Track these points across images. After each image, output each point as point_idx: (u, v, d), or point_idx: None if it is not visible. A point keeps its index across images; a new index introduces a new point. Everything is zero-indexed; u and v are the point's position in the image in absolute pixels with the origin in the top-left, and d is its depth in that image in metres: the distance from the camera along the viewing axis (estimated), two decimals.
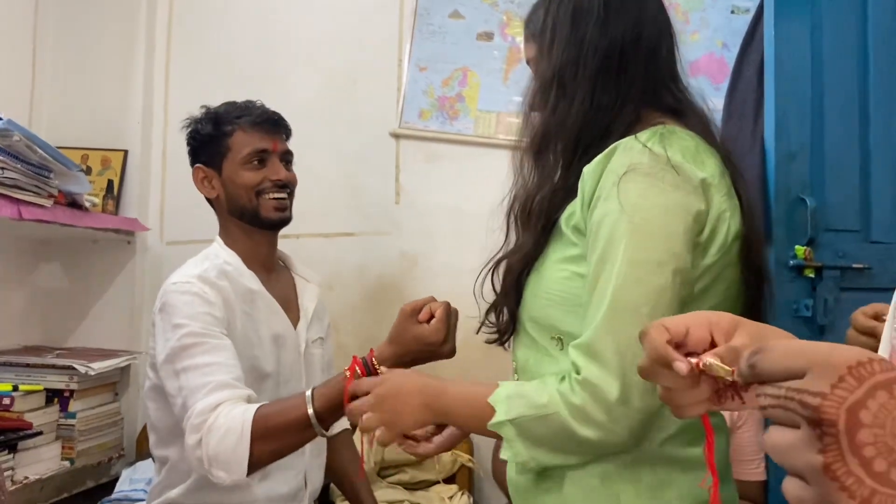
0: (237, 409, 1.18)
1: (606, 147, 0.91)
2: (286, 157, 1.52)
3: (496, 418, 0.87)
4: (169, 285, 1.37)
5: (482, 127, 2.20)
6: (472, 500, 2.06)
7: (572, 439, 0.83)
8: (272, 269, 1.54)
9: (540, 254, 0.97)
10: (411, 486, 2.09)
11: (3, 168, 1.67)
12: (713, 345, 0.55)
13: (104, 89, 2.31)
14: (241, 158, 1.45)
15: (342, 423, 1.64)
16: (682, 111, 0.98)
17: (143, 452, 2.20)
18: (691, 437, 0.87)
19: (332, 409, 1.15)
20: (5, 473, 1.70)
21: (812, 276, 1.72)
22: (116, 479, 2.06)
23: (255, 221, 1.47)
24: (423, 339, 1.13)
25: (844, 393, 0.35)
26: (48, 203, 1.84)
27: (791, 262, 1.72)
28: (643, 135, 0.89)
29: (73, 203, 1.98)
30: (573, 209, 0.92)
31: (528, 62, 1.06)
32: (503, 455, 0.89)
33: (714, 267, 0.88)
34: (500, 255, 1.02)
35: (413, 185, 2.26)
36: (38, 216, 1.79)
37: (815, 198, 1.74)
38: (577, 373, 0.83)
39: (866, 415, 0.34)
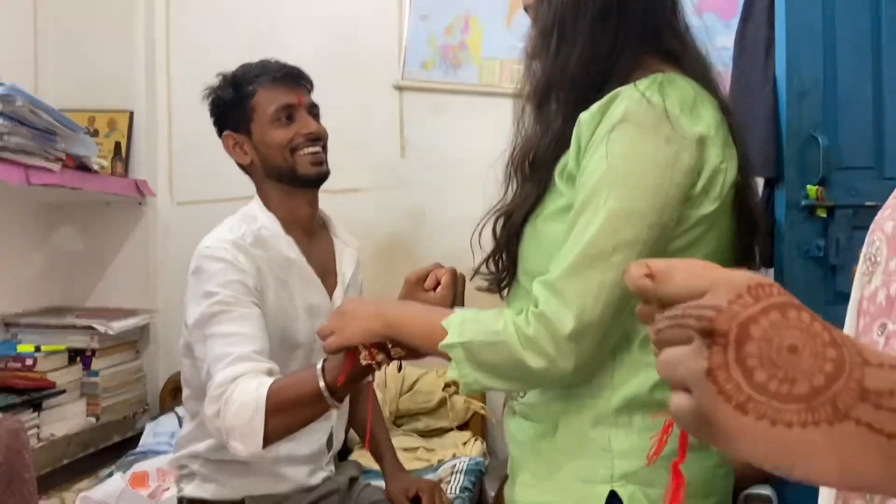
0: (253, 382, 1.18)
1: (610, 91, 0.90)
2: (313, 111, 1.46)
3: (448, 340, 0.89)
4: (203, 248, 1.35)
5: (486, 76, 2.17)
6: (485, 446, 2.11)
7: (518, 367, 0.86)
8: (312, 233, 1.49)
9: (538, 206, 0.96)
10: (426, 434, 2.14)
11: (8, 134, 1.68)
12: None
13: (106, 50, 2.30)
14: (269, 117, 1.39)
15: None
16: (683, 56, 0.96)
17: (165, 407, 2.26)
18: (648, 412, 0.88)
19: (344, 381, 1.12)
20: (30, 431, 1.76)
21: (824, 215, 1.70)
22: (141, 434, 2.13)
23: (294, 181, 1.41)
24: None
25: (740, 308, 0.36)
26: (56, 167, 1.86)
27: (803, 202, 1.69)
28: (642, 83, 0.88)
29: (82, 166, 2.00)
30: (566, 159, 0.91)
31: (525, 9, 1.04)
32: (449, 374, 0.91)
33: (709, 216, 0.88)
34: (500, 206, 1.01)
35: (418, 139, 2.25)
36: (46, 181, 1.81)
37: (827, 136, 1.69)
38: (536, 306, 0.85)
39: (756, 329, 0.35)
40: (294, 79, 1.44)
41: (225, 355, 1.22)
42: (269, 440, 1.17)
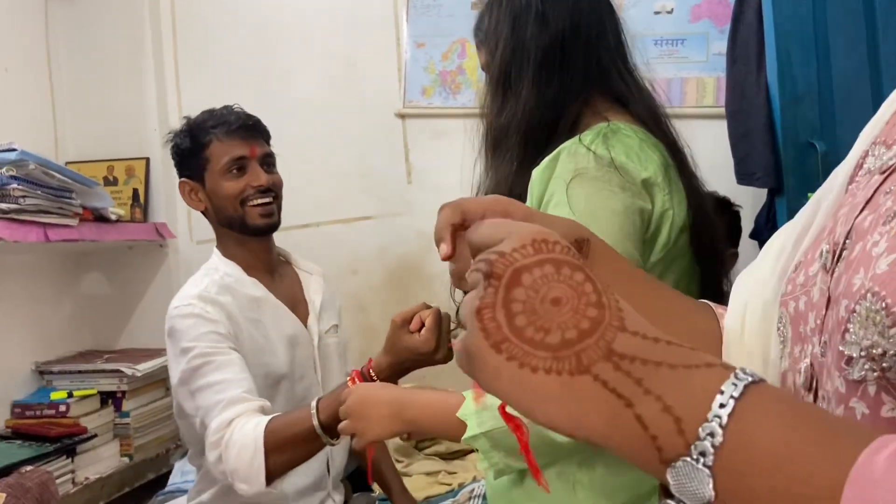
0: (249, 423, 1.22)
1: (558, 142, 0.91)
2: (267, 161, 1.51)
3: (469, 432, 0.90)
4: (172, 309, 1.41)
5: None
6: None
7: (546, 444, 0.85)
8: (274, 270, 1.56)
9: None
10: (447, 457, 2.15)
11: (24, 196, 1.77)
12: None
13: (120, 102, 2.39)
14: (221, 168, 1.45)
15: None
16: (629, 97, 0.97)
17: None
18: None
19: (336, 419, 1.16)
20: (65, 477, 1.84)
21: None
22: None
23: (244, 230, 1.48)
24: (415, 350, 1.14)
25: (518, 256, 0.37)
26: (74, 222, 1.94)
27: None
28: (587, 136, 0.90)
29: (100, 217, 2.08)
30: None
31: (483, 69, 1.07)
32: (479, 466, 0.92)
33: (661, 262, 0.88)
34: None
35: (423, 164, 2.27)
36: (64, 236, 1.89)
37: (825, 142, 1.66)
38: None
39: (527, 277, 0.36)
40: (249, 130, 1.48)
41: (216, 403, 1.26)
42: (271, 478, 1.22)
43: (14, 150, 1.76)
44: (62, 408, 2.01)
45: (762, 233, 1.82)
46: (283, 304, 1.50)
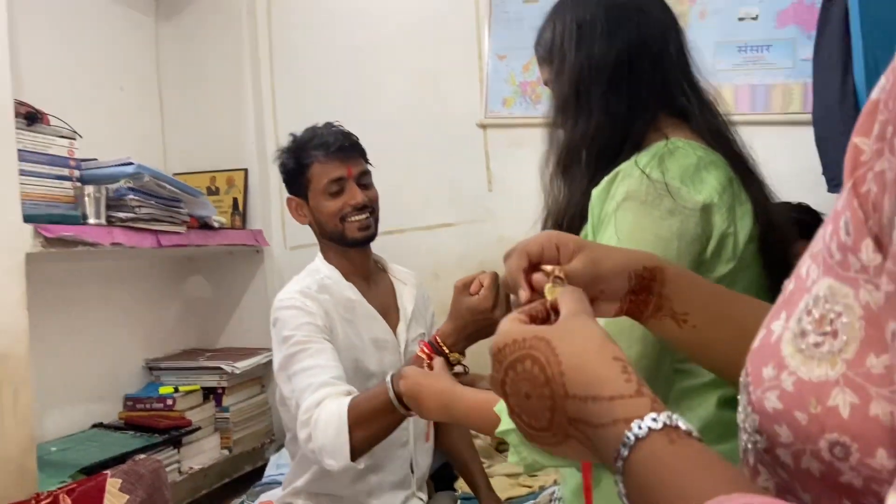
0: (334, 403, 1.32)
1: (623, 159, 0.94)
2: (363, 179, 1.62)
3: (502, 427, 0.93)
4: (277, 302, 1.54)
5: None
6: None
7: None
8: (370, 277, 1.66)
9: None
10: None
11: (140, 206, 1.93)
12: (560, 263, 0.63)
13: (221, 118, 2.56)
14: (321, 188, 1.57)
15: None
16: (692, 114, 0.99)
17: None
18: (717, 433, 0.90)
19: None
20: (172, 466, 1.99)
21: None
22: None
23: (343, 242, 1.59)
24: (475, 309, 1.20)
25: (495, 374, 0.50)
26: (182, 229, 2.10)
27: None
28: (643, 158, 0.91)
29: (205, 225, 2.24)
30: (586, 231, 0.96)
31: (545, 84, 1.10)
32: (510, 459, 0.97)
33: (727, 276, 0.90)
34: None
35: (503, 172, 2.33)
36: (174, 242, 2.06)
37: None
38: None
39: (507, 387, 0.49)
40: (346, 151, 1.59)
41: (308, 385, 1.37)
42: (355, 452, 1.30)
43: (131, 163, 1.93)
44: (169, 402, 2.18)
45: None
46: (375, 310, 1.60)
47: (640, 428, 0.42)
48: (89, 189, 1.85)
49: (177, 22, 2.59)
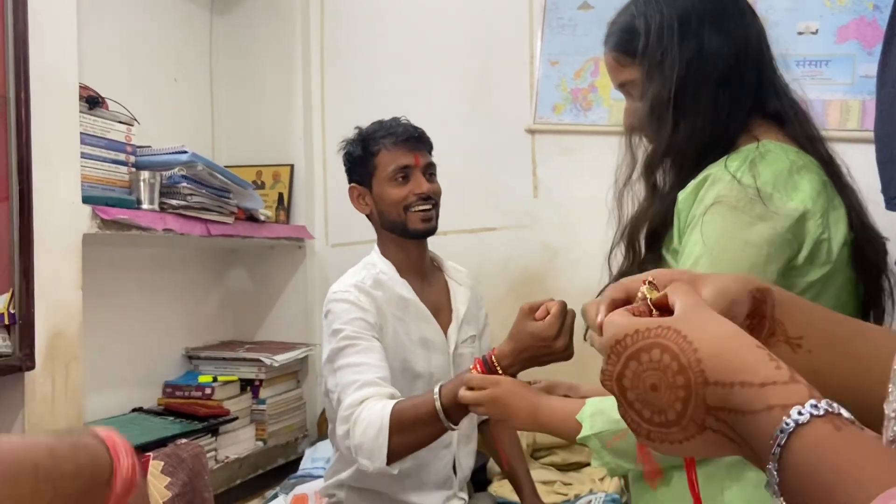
0: (378, 404, 1.32)
1: (714, 160, 0.92)
2: (429, 170, 1.62)
3: (583, 433, 0.95)
4: (331, 293, 1.55)
5: (616, 115, 2.21)
6: (622, 482, 2.11)
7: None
8: (425, 275, 1.65)
9: None
10: (563, 468, 2.18)
11: (191, 194, 1.96)
12: None
13: (270, 113, 2.59)
14: (387, 175, 1.57)
15: None
16: (785, 116, 0.97)
17: (322, 433, 2.47)
18: None
19: (458, 405, 1.23)
20: (209, 454, 2.00)
21: None
22: (302, 457, 2.34)
23: (404, 233, 1.58)
24: (538, 335, 1.18)
25: (611, 367, 0.48)
26: (230, 220, 2.12)
27: None
28: (733, 162, 0.89)
29: (251, 217, 2.26)
30: (670, 236, 0.95)
31: (621, 85, 1.06)
32: (593, 464, 0.97)
33: (820, 280, 0.88)
34: (621, 272, 1.02)
35: (550, 179, 2.33)
36: (223, 232, 2.08)
37: None
38: None
39: (626, 381, 0.47)
40: (415, 141, 1.59)
41: (353, 382, 1.37)
42: (392, 456, 1.29)
43: (185, 152, 1.96)
44: (207, 391, 2.20)
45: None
46: (427, 310, 1.59)
47: (800, 414, 0.40)
48: (144, 175, 1.88)
49: (231, 17, 2.63)
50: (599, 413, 0.95)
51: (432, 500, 1.53)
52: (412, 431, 1.28)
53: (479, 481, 2.04)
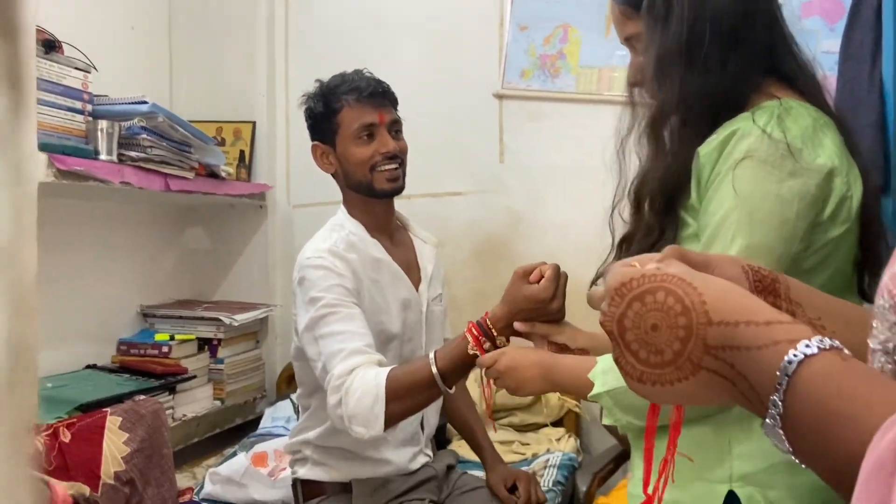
0: (370, 372, 1.31)
1: (728, 118, 0.90)
2: (394, 128, 1.56)
3: (595, 390, 0.96)
4: (304, 260, 1.49)
5: (584, 83, 2.22)
6: (578, 442, 2.17)
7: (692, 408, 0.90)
8: (392, 234, 1.63)
9: (661, 238, 0.96)
10: (521, 429, 2.22)
11: (151, 147, 1.90)
12: None
13: (232, 68, 2.52)
14: (351, 134, 1.51)
15: None
16: (799, 77, 0.95)
17: (282, 393, 2.45)
18: None
19: (453, 369, 1.26)
20: (167, 412, 1.97)
21: None
22: (261, 417, 2.33)
23: (371, 193, 1.54)
24: (533, 298, 1.19)
25: (614, 308, 0.49)
26: (191, 175, 2.06)
27: None
28: (761, 117, 0.88)
29: (212, 174, 2.21)
30: (687, 191, 0.93)
31: (626, 40, 1.03)
32: (605, 421, 0.98)
33: (837, 238, 0.90)
34: (626, 235, 1.02)
35: (516, 144, 2.33)
36: (183, 187, 2.02)
37: None
38: None
39: (627, 321, 0.48)
40: (379, 97, 1.53)
41: (339, 351, 1.35)
42: (388, 424, 1.29)
43: (145, 102, 1.89)
44: (164, 349, 2.16)
45: None
46: (400, 269, 1.57)
47: (807, 346, 0.41)
48: (102, 124, 1.81)
49: None
50: (612, 370, 0.93)
51: (399, 456, 1.54)
52: (409, 398, 1.28)
53: (438, 441, 2.07)
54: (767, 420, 0.43)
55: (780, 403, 0.42)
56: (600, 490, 1.93)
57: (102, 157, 1.80)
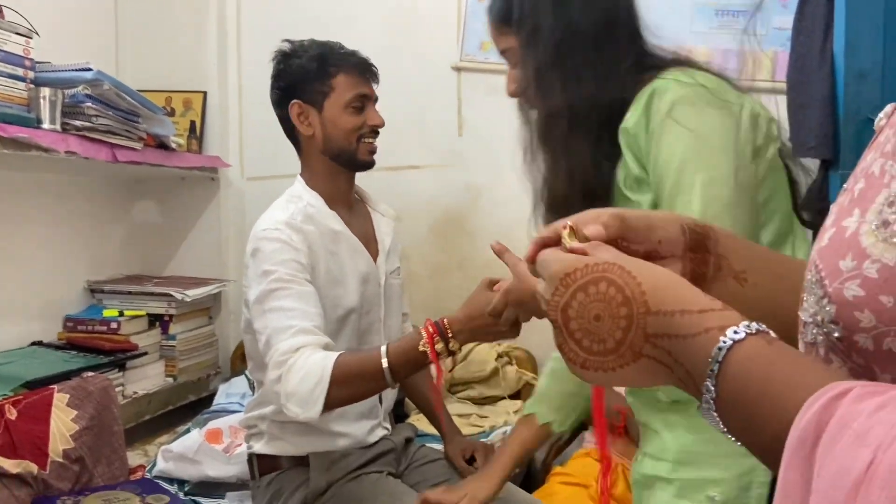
0: (317, 354, 1.29)
1: (622, 112, 0.96)
2: (376, 104, 1.58)
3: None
4: (259, 231, 1.46)
5: None
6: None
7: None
8: (352, 206, 1.61)
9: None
10: (479, 401, 2.23)
11: (96, 115, 1.83)
12: None
13: (182, 34, 2.44)
14: (345, 101, 1.49)
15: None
16: (670, 58, 1.02)
17: (236, 369, 2.42)
18: None
19: (404, 364, 1.25)
20: (116, 389, 1.92)
21: None
22: (214, 394, 2.29)
23: (350, 162, 1.53)
24: (480, 309, 1.19)
25: (558, 298, 0.50)
26: (139, 146, 2.00)
27: None
28: (669, 74, 0.94)
29: (161, 145, 2.14)
30: (624, 172, 0.97)
31: (503, 52, 1.09)
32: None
33: (773, 159, 0.96)
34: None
35: (475, 118, 2.31)
36: (131, 158, 1.96)
37: None
38: None
39: (571, 311, 0.49)
40: (371, 73, 1.55)
41: (287, 327, 1.32)
42: (327, 408, 1.27)
43: (90, 69, 1.82)
44: (113, 325, 2.10)
45: (810, 206, 1.85)
46: (359, 241, 1.55)
47: (735, 332, 0.43)
48: (45, 92, 1.73)
49: None
50: None
51: (357, 430, 1.52)
52: (353, 385, 1.27)
53: (397, 415, 2.06)
54: (703, 404, 0.44)
55: (712, 388, 0.43)
56: (557, 460, 1.96)
57: (45, 125, 1.73)
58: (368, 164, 1.57)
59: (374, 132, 1.54)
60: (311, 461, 1.47)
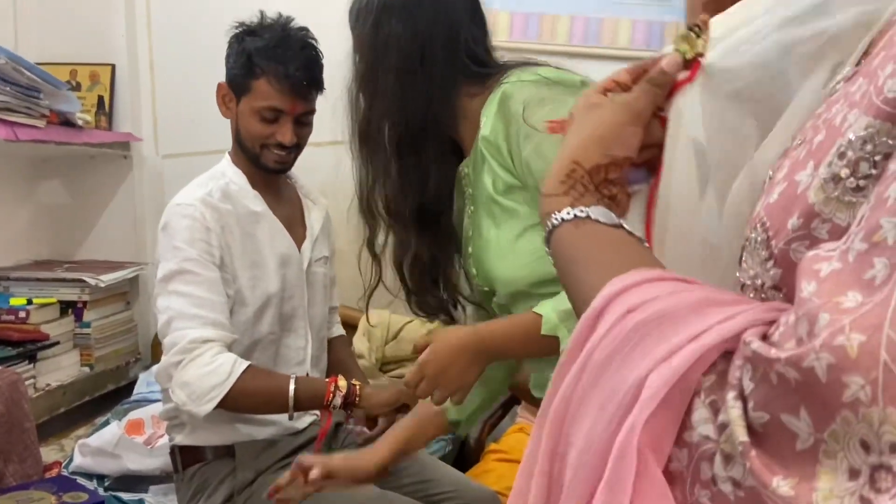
0: (227, 356, 1.30)
1: (455, 130, 1.00)
2: (303, 119, 1.49)
3: (548, 322, 0.90)
4: (173, 205, 1.42)
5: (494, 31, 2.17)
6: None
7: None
8: (279, 188, 1.57)
9: (470, 241, 1.04)
10: None
11: None
12: None
13: (86, 3, 2.28)
14: (257, 108, 1.43)
15: (339, 330, 1.75)
16: (513, 66, 1.03)
17: (158, 356, 2.32)
18: None
19: (307, 399, 1.33)
20: (27, 382, 1.82)
21: None
22: (135, 382, 2.20)
23: (255, 163, 1.48)
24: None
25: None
26: (41, 123, 1.87)
27: None
28: (510, 77, 0.96)
29: (67, 122, 2.01)
30: (492, 178, 0.97)
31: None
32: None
33: None
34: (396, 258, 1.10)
35: None
36: (33, 136, 1.84)
37: None
38: None
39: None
40: (302, 88, 1.44)
41: (195, 315, 1.32)
42: (217, 408, 1.30)
43: None
44: (21, 314, 1.98)
45: None
46: (280, 223, 1.52)
47: (555, 219, 0.48)
48: None
49: None
50: (562, 297, 0.88)
51: (284, 416, 1.49)
52: (253, 399, 1.32)
53: None
54: None
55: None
56: (491, 436, 1.97)
57: None
58: (274, 172, 1.50)
59: (282, 147, 1.46)
60: (237, 451, 1.44)
